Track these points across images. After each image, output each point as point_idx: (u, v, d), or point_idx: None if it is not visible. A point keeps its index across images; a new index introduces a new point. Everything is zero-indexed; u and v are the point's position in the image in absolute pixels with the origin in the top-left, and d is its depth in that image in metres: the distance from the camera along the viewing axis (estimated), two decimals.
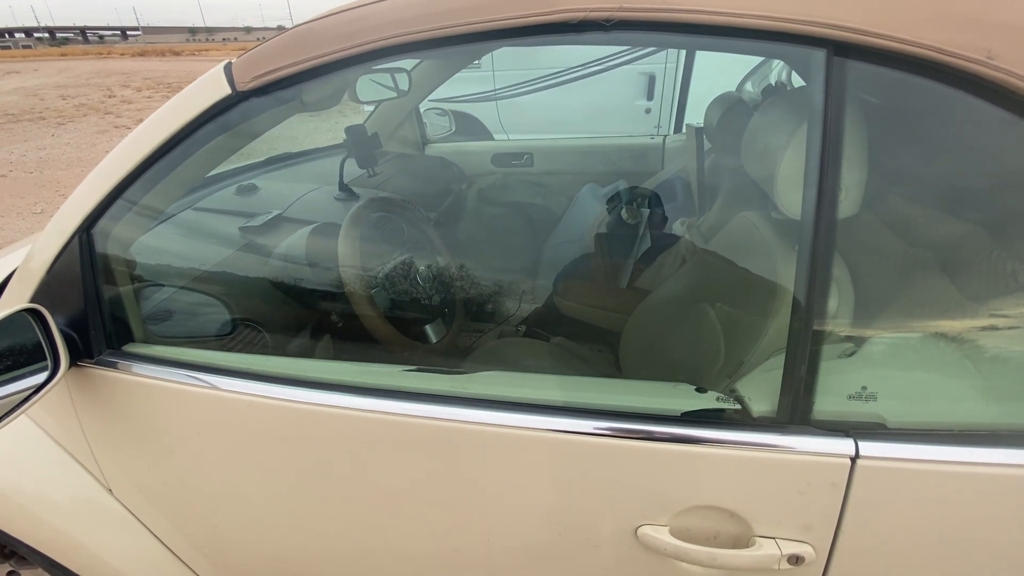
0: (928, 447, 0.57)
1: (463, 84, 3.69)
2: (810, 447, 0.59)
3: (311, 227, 1.22)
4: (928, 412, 0.61)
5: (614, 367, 1.32)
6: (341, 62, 0.64)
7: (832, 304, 0.63)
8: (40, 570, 1.05)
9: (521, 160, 2.16)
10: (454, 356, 1.29)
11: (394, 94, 1.69)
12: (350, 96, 1.47)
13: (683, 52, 3.03)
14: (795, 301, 0.59)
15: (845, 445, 0.58)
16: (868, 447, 0.58)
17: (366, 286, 1.10)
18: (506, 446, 0.68)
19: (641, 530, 0.66)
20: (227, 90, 0.68)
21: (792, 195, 0.72)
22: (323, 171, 1.74)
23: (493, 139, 3.54)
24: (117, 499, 0.96)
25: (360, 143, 1.66)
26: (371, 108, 2.01)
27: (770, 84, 1.77)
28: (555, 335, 1.45)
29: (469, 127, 3.73)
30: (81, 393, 0.86)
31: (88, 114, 9.18)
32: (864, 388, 0.60)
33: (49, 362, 0.78)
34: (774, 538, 0.62)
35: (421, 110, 2.13)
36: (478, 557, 0.80)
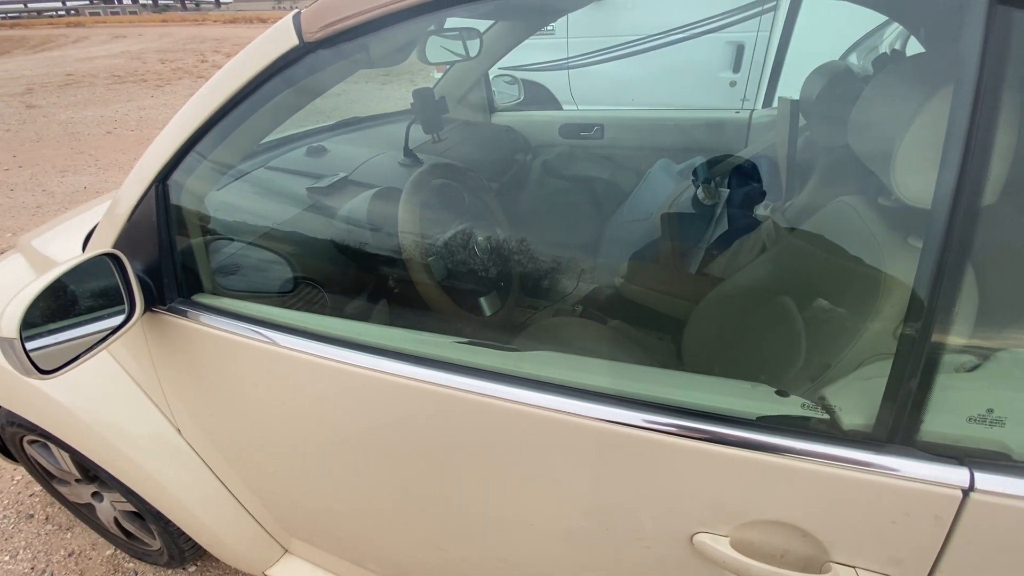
0: None
1: (535, 52, 3.57)
2: (912, 472, 0.50)
3: (373, 191, 1.22)
4: None
5: (675, 357, 1.24)
6: (406, 12, 0.60)
7: (957, 309, 0.53)
8: (118, 495, 1.14)
9: (591, 132, 2.06)
10: (507, 331, 1.26)
11: (463, 57, 1.64)
12: (418, 56, 1.43)
13: (779, 21, 2.76)
14: (911, 303, 0.50)
15: (958, 474, 0.49)
16: (986, 480, 0.49)
17: (423, 253, 1.09)
18: (558, 431, 0.64)
19: (697, 537, 0.61)
20: (295, 40, 0.66)
21: (915, 177, 0.62)
22: (390, 136, 1.73)
23: (562, 109, 3.42)
24: (184, 439, 1.02)
25: (426, 107, 1.63)
26: (440, 76, 1.98)
27: (884, 53, 1.56)
28: (613, 318, 1.38)
29: (538, 96, 3.63)
30: (155, 337, 0.91)
31: (183, 77, 9.81)
32: (990, 411, 0.50)
33: (126, 306, 0.82)
34: (854, 567, 0.55)
35: (490, 77, 2.07)
36: (519, 537, 0.78)
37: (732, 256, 1.32)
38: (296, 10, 0.67)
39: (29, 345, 0.71)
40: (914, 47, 1.11)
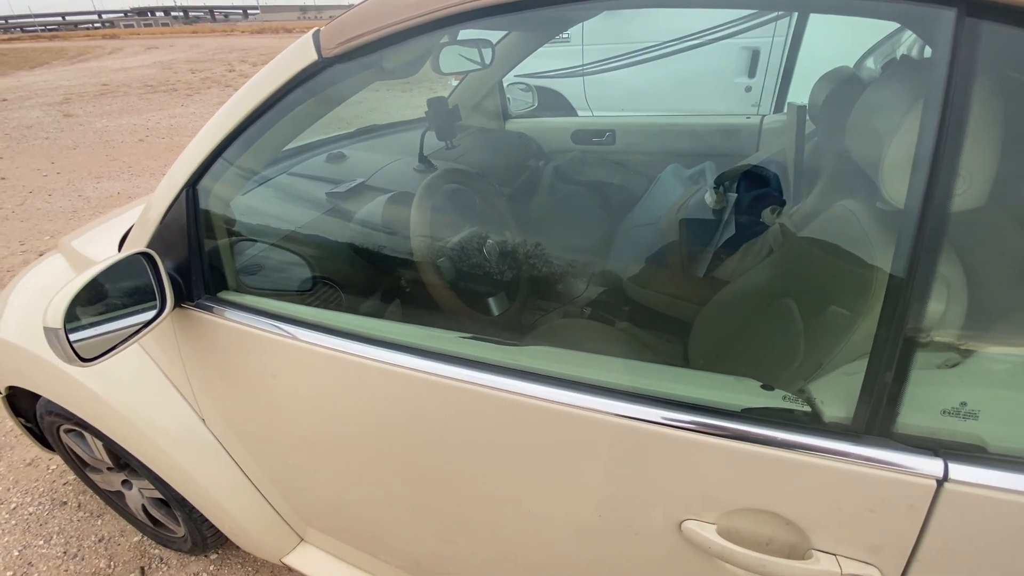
0: None
1: (550, 59, 3.62)
2: (889, 461, 0.53)
3: (388, 195, 1.27)
4: None
5: (681, 358, 1.26)
6: (418, 28, 0.65)
7: (936, 308, 0.56)
8: (146, 482, 1.21)
9: (602, 138, 2.09)
10: (515, 331, 1.30)
11: (477, 66, 1.69)
12: (432, 66, 1.49)
13: (792, 24, 2.76)
14: (886, 300, 0.52)
15: (932, 465, 0.51)
16: (960, 470, 0.51)
17: (434, 255, 1.13)
18: (553, 422, 0.67)
19: (686, 525, 0.63)
20: (314, 56, 0.71)
21: (900, 182, 0.64)
22: (407, 143, 1.79)
23: (576, 115, 3.46)
24: (209, 429, 1.08)
25: (440, 116, 1.69)
26: (457, 83, 2.04)
27: (894, 59, 1.56)
28: (621, 320, 1.41)
29: (552, 103, 3.67)
30: (183, 332, 0.97)
31: (211, 87, 10.13)
32: (963, 404, 0.52)
33: (158, 301, 0.89)
34: (835, 554, 0.57)
35: (505, 85, 2.12)
36: (517, 525, 0.81)
37: (739, 259, 1.34)
38: (316, 28, 0.73)
39: (72, 336, 0.78)
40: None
